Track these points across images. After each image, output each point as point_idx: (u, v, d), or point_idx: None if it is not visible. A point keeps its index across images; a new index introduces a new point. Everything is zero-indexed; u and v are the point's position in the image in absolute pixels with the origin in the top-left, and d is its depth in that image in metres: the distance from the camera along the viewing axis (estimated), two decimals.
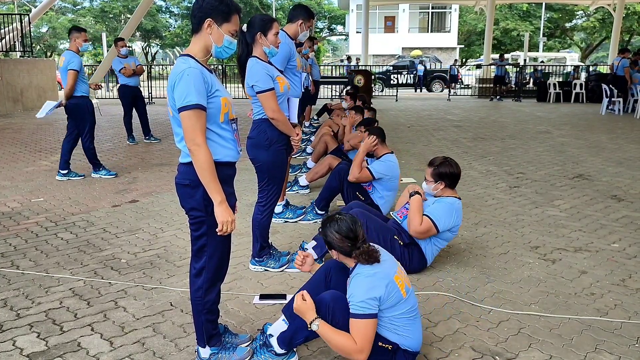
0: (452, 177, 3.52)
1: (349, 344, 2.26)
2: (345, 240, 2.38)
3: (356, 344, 2.25)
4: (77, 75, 6.06)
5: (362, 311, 2.26)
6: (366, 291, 2.28)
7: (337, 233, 2.40)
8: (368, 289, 2.28)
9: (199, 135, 2.21)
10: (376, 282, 2.30)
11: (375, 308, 2.28)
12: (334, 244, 2.42)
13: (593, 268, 3.75)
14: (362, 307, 2.26)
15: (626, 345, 2.75)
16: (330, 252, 2.49)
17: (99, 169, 6.45)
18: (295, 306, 2.37)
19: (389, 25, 39.85)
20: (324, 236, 2.46)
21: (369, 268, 2.34)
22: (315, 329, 2.31)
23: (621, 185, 6.15)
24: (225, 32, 2.32)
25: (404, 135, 10.17)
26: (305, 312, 2.34)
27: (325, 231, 2.44)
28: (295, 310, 2.38)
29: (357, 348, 2.25)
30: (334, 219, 2.44)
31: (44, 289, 3.36)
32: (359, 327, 2.26)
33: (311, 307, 2.34)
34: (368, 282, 2.30)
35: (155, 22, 41.68)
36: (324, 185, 4.76)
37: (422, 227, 3.47)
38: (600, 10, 35.23)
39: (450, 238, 3.63)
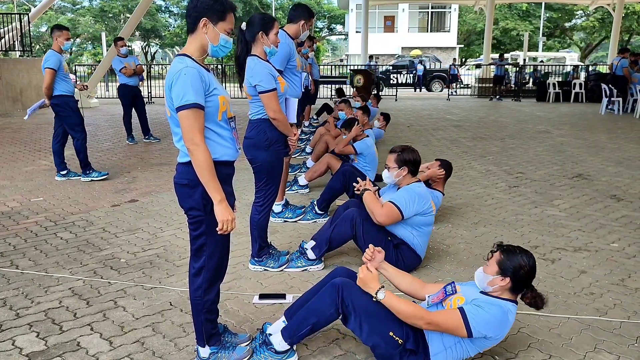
0: (415, 163, 3.54)
1: (414, 308, 2.32)
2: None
3: (428, 316, 2.31)
4: (54, 73, 5.94)
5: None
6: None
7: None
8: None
9: (197, 134, 2.21)
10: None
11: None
12: (518, 277, 2.36)
13: (592, 268, 3.75)
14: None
15: (625, 344, 2.75)
16: (500, 280, 2.38)
17: (89, 171, 6.25)
18: (361, 275, 2.40)
19: (389, 25, 39.84)
20: (510, 265, 2.36)
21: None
22: (382, 297, 2.34)
23: (620, 185, 6.15)
24: (221, 31, 2.32)
25: (403, 135, 10.17)
26: (370, 282, 2.38)
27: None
28: (359, 281, 2.41)
29: (427, 318, 2.31)
30: (525, 254, 2.40)
31: (44, 289, 3.36)
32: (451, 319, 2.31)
33: (376, 278, 2.38)
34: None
35: (154, 21, 41.65)
36: (326, 186, 4.76)
37: (384, 210, 3.45)
38: (600, 10, 35.22)
39: (428, 222, 3.59)
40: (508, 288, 2.40)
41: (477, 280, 2.48)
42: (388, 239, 3.55)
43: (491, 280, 2.40)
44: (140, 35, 43.44)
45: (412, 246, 3.57)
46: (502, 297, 2.41)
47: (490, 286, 2.42)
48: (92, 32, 40.44)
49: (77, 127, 6.17)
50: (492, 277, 2.40)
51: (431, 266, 3.75)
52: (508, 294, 2.42)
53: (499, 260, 2.40)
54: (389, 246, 3.53)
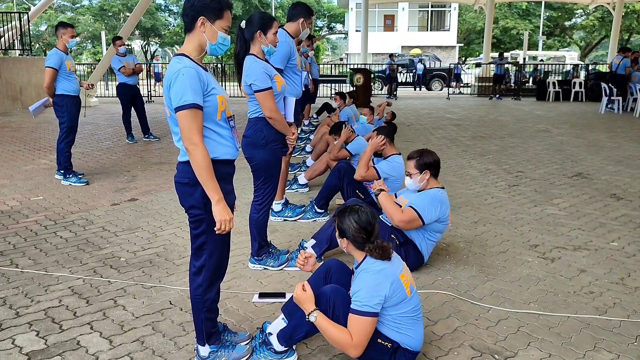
0: (436, 165, 3.53)
1: (345, 339, 2.28)
2: (362, 232, 2.39)
3: (352, 340, 2.27)
4: (54, 73, 5.81)
5: (364, 309, 2.27)
6: (372, 289, 2.29)
7: (355, 223, 2.40)
8: (374, 286, 2.29)
9: (195, 134, 2.20)
10: (382, 279, 2.31)
11: (378, 307, 2.29)
12: (348, 234, 2.42)
13: (592, 267, 3.76)
14: (364, 305, 2.27)
15: (625, 343, 2.76)
16: (339, 241, 2.48)
17: (69, 175, 6.03)
18: (295, 296, 2.38)
19: (389, 24, 39.81)
20: (339, 223, 2.45)
21: (377, 264, 2.35)
22: (313, 320, 2.33)
23: (620, 184, 6.16)
24: (219, 29, 2.32)
25: (403, 134, 10.16)
26: (304, 302, 2.35)
27: (342, 219, 2.44)
28: (295, 299, 2.39)
29: (352, 343, 2.27)
30: (354, 209, 2.44)
31: (43, 288, 3.36)
32: (358, 324, 2.27)
33: (310, 298, 2.36)
34: (374, 279, 2.31)
35: (154, 20, 41.61)
36: (323, 184, 4.76)
37: (405, 216, 3.44)
38: (600, 9, 35.20)
39: (441, 230, 3.60)
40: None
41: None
42: (391, 237, 3.55)
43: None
44: (139, 34, 43.40)
45: (419, 247, 3.57)
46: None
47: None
48: (91, 30, 40.38)
49: (67, 130, 6.00)
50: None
51: (431, 265, 3.75)
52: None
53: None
54: (392, 243, 3.52)
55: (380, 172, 4.42)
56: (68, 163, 6.06)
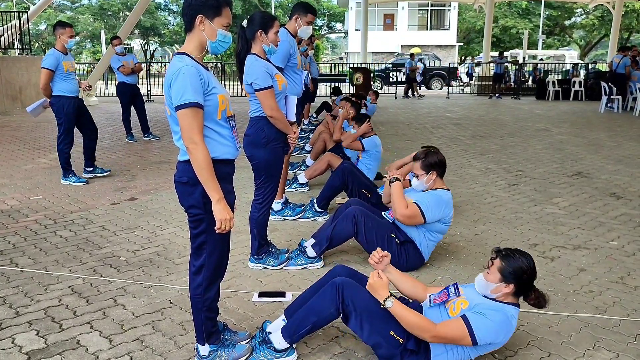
0: (442, 164, 3.54)
1: (426, 325, 2.31)
2: (532, 278, 2.40)
3: (435, 329, 2.30)
4: (49, 74, 5.73)
5: (470, 317, 2.30)
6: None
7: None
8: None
9: (196, 133, 2.20)
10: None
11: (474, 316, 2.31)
12: (520, 279, 2.36)
13: (592, 266, 3.76)
14: (470, 314, 2.31)
15: (624, 342, 2.76)
16: (502, 286, 2.38)
17: (69, 175, 6.01)
18: (370, 282, 2.37)
19: (388, 23, 39.78)
20: (512, 266, 2.36)
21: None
22: (389, 306, 2.33)
23: (620, 183, 6.16)
24: (218, 26, 2.31)
25: (403, 133, 10.16)
26: (379, 289, 2.36)
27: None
28: (369, 286, 2.38)
29: (435, 332, 2.30)
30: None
31: (43, 287, 3.36)
32: (457, 327, 2.30)
33: (385, 285, 2.36)
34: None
35: (154, 19, 41.58)
36: (325, 184, 4.76)
37: (408, 211, 3.43)
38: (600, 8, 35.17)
39: (443, 231, 3.60)
40: (512, 293, 2.39)
41: (478, 287, 2.46)
42: (391, 236, 3.55)
43: (494, 288, 2.38)
44: (139, 33, 43.38)
45: (419, 247, 3.57)
46: (505, 301, 2.40)
47: (493, 293, 2.40)
48: (91, 30, 40.35)
49: (65, 131, 5.95)
50: (495, 285, 2.38)
51: (431, 264, 3.75)
52: (511, 297, 2.42)
53: (500, 267, 2.37)
54: (392, 243, 3.53)
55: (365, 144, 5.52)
56: (67, 164, 6.04)
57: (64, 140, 5.97)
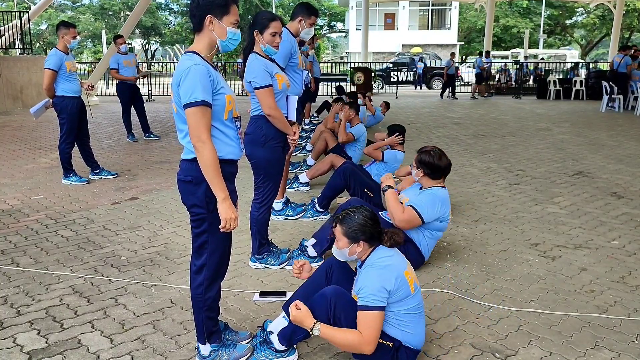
0: (431, 167, 3.50)
1: (355, 338, 2.28)
2: (377, 225, 2.45)
3: (362, 337, 2.27)
4: (53, 74, 5.72)
5: (372, 303, 2.27)
6: (377, 282, 2.30)
7: (369, 220, 2.44)
8: (379, 280, 2.31)
9: (204, 132, 2.21)
10: (387, 274, 2.33)
11: (384, 301, 2.30)
12: (366, 232, 2.41)
13: (593, 265, 3.76)
14: (372, 300, 2.27)
15: (626, 342, 2.76)
16: (352, 248, 2.44)
17: (70, 174, 6.02)
18: (292, 317, 2.36)
19: (389, 23, 39.76)
20: (350, 229, 2.42)
21: (383, 260, 2.38)
22: (317, 334, 2.31)
23: (621, 182, 6.15)
24: (227, 25, 2.32)
25: None
26: (303, 320, 2.34)
27: (352, 223, 2.43)
28: (292, 320, 2.37)
29: (364, 340, 2.27)
30: (356, 210, 2.47)
31: (44, 287, 3.36)
32: (367, 319, 2.28)
33: (307, 315, 2.34)
34: (379, 274, 2.33)
35: (154, 19, 41.60)
36: (327, 184, 4.76)
37: (405, 215, 3.44)
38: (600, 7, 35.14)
39: (442, 228, 3.60)
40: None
41: (338, 257, 2.59)
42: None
43: (348, 250, 2.48)
44: (140, 33, 43.39)
45: (419, 246, 3.57)
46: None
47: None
48: (92, 29, 40.38)
49: (67, 131, 5.95)
50: (347, 248, 2.48)
51: (432, 264, 3.75)
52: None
53: (343, 231, 2.47)
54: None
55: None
56: (68, 164, 6.04)
57: (66, 140, 5.97)
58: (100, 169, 6.32)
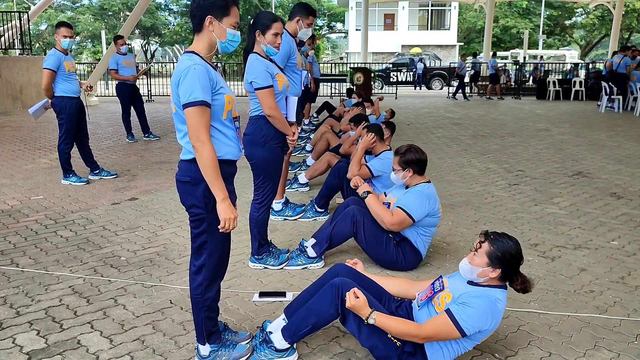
0: (419, 163, 3.50)
1: (412, 329, 2.33)
2: (518, 263, 2.40)
3: (421, 330, 2.32)
4: (51, 74, 5.73)
5: (461, 325, 2.28)
6: (483, 315, 2.31)
7: (519, 255, 2.38)
8: (485, 316, 2.32)
9: (203, 132, 2.21)
10: (495, 318, 2.36)
11: (470, 333, 2.32)
12: (511, 264, 2.37)
13: (592, 265, 3.76)
14: (465, 325, 2.29)
15: (625, 342, 2.76)
16: (490, 271, 2.36)
17: (69, 175, 6.02)
18: (349, 305, 2.35)
19: (389, 23, 39.78)
20: (501, 255, 2.35)
21: (499, 303, 2.37)
22: (372, 322, 2.33)
23: (620, 182, 6.16)
24: (227, 26, 2.32)
25: (403, 133, 10.16)
26: (360, 309, 2.34)
27: (505, 249, 2.35)
28: (349, 307, 2.36)
29: (420, 333, 2.32)
30: (513, 241, 2.40)
31: (44, 287, 3.36)
32: (443, 324, 2.31)
33: (365, 304, 2.35)
34: (491, 312, 2.33)
35: (154, 19, 41.60)
36: (323, 184, 4.76)
37: (395, 218, 3.43)
38: (600, 8, 35.17)
39: (433, 224, 3.59)
40: (497, 277, 2.38)
41: (463, 273, 2.44)
42: (389, 236, 3.55)
43: (481, 272, 2.37)
44: (139, 33, 43.39)
45: (414, 244, 3.57)
46: (491, 284, 2.40)
47: (480, 277, 2.39)
48: (91, 30, 40.37)
49: (66, 132, 5.95)
50: (481, 269, 2.36)
51: (431, 264, 3.75)
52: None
53: (488, 251, 2.35)
54: (390, 243, 3.54)
55: (373, 170, 4.43)
56: (67, 164, 6.03)
57: (65, 140, 5.97)
58: (99, 170, 6.32)
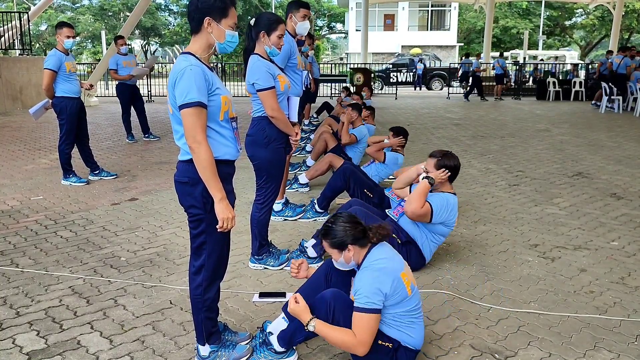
0: (455, 169, 3.53)
1: (349, 338, 2.28)
2: (358, 225, 2.42)
3: (356, 338, 2.26)
4: (52, 75, 5.73)
5: (367, 305, 2.26)
6: (373, 284, 2.29)
7: (347, 224, 2.41)
8: (375, 283, 2.29)
9: (199, 132, 2.21)
10: (383, 277, 2.32)
11: (380, 304, 2.29)
12: (348, 236, 2.39)
13: (592, 266, 3.76)
14: (367, 302, 2.26)
15: (625, 343, 2.76)
16: (344, 255, 2.42)
17: (69, 175, 6.02)
18: (289, 309, 2.37)
19: (389, 23, 39.79)
20: (334, 239, 2.41)
21: (378, 262, 2.36)
22: (312, 329, 2.32)
23: (620, 183, 6.16)
24: (226, 27, 2.32)
25: None
26: (300, 314, 2.35)
27: (334, 232, 2.40)
28: (290, 312, 2.38)
29: (357, 341, 2.27)
30: (335, 218, 2.46)
31: (44, 287, 3.36)
32: (362, 321, 2.27)
33: (305, 309, 2.35)
34: (375, 277, 2.31)
35: (154, 20, 41.62)
36: (327, 184, 4.76)
37: (423, 211, 3.43)
38: (600, 8, 35.19)
39: (445, 233, 3.61)
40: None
41: None
42: (392, 236, 3.55)
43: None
44: (140, 33, 43.40)
45: (421, 248, 3.57)
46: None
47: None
48: (91, 30, 40.39)
49: (66, 132, 5.94)
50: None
51: (431, 264, 3.75)
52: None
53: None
54: (393, 243, 3.53)
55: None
56: (68, 164, 6.03)
57: (65, 140, 5.97)
58: (99, 170, 6.32)
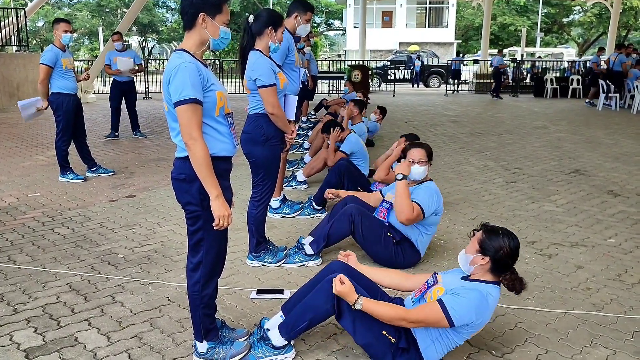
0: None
1: (399, 314, 2.35)
2: (511, 258, 2.39)
3: (409, 315, 2.34)
4: (48, 70, 5.72)
5: (451, 314, 2.28)
6: (475, 307, 2.31)
7: (511, 249, 2.36)
8: (478, 308, 2.32)
9: (195, 129, 2.21)
10: (486, 312, 2.36)
11: (458, 323, 2.31)
12: (499, 256, 2.36)
13: (589, 263, 3.77)
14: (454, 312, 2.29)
15: (622, 339, 2.77)
16: (476, 257, 2.41)
17: (66, 172, 6.01)
18: (336, 291, 2.37)
19: (387, 20, 39.72)
20: (488, 240, 2.39)
21: (491, 298, 2.38)
22: (359, 307, 2.35)
23: (617, 180, 6.17)
24: (220, 24, 2.33)
25: (401, 130, 10.14)
26: (347, 295, 2.37)
27: (495, 237, 2.38)
28: (337, 293, 2.38)
29: (407, 318, 2.34)
30: (508, 234, 2.41)
31: (41, 284, 3.36)
32: (432, 312, 2.33)
33: (351, 289, 2.37)
34: (482, 305, 2.33)
35: (152, 16, 41.45)
36: (323, 181, 4.76)
37: (415, 214, 3.41)
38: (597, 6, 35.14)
39: (436, 222, 3.61)
40: (488, 269, 2.40)
41: (460, 261, 2.51)
42: (388, 235, 3.55)
43: (472, 259, 2.42)
44: (137, 30, 43.25)
45: (415, 244, 3.57)
46: (483, 279, 2.42)
47: (471, 266, 2.43)
48: (89, 27, 40.22)
49: (63, 129, 5.93)
50: (472, 256, 2.42)
51: (429, 262, 3.75)
52: (489, 275, 2.43)
53: (480, 239, 2.42)
54: (389, 242, 3.54)
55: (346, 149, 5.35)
56: (65, 161, 6.02)
57: (62, 137, 5.96)
58: (97, 167, 6.31)
